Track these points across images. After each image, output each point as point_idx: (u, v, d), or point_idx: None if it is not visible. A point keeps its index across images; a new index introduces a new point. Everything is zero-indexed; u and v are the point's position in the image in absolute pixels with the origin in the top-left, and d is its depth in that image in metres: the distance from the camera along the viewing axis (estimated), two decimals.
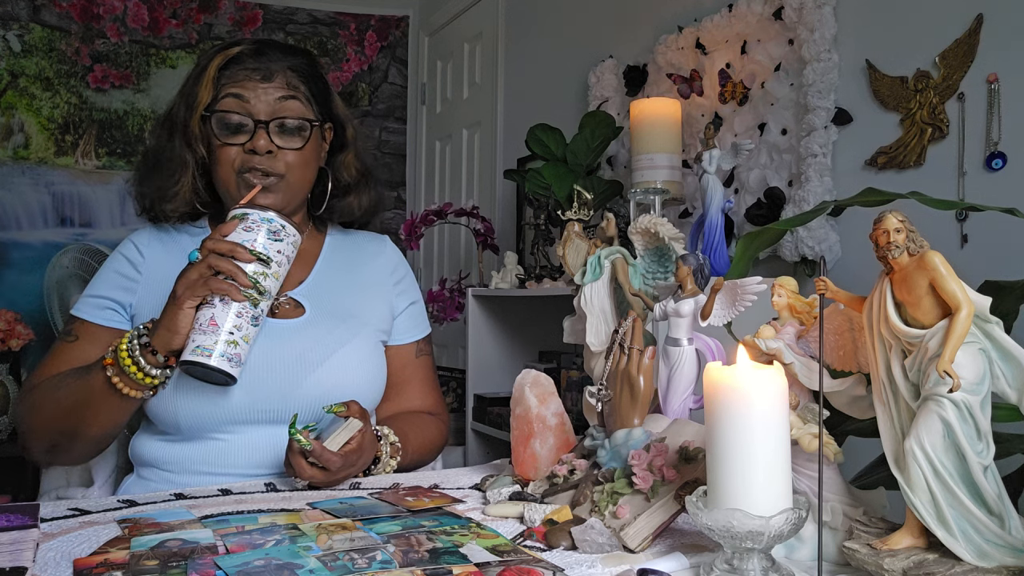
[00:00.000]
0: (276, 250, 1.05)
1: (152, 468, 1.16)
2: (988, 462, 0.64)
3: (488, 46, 3.45)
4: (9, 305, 3.26)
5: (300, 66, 1.22)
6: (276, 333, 1.17)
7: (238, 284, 1.01)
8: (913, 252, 0.67)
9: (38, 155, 3.55)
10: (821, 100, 1.87)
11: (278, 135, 1.18)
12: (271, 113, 1.17)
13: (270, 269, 1.04)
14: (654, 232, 1.04)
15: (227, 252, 1.02)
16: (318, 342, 1.18)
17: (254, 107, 1.16)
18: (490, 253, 2.88)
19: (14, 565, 0.70)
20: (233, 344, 1.00)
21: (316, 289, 1.25)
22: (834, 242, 1.84)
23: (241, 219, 1.05)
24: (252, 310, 1.02)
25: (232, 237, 1.04)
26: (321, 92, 1.24)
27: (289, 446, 1.02)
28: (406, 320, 1.34)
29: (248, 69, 1.18)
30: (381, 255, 1.36)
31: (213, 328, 1.00)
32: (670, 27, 2.35)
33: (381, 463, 1.13)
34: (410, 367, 1.33)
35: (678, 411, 0.96)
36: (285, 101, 1.18)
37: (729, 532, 0.65)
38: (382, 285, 1.32)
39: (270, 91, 1.17)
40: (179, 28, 3.77)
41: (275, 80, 1.18)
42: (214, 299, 1.01)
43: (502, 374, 2.72)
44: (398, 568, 0.69)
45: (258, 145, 1.15)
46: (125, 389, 1.04)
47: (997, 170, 1.59)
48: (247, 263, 1.02)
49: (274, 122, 1.17)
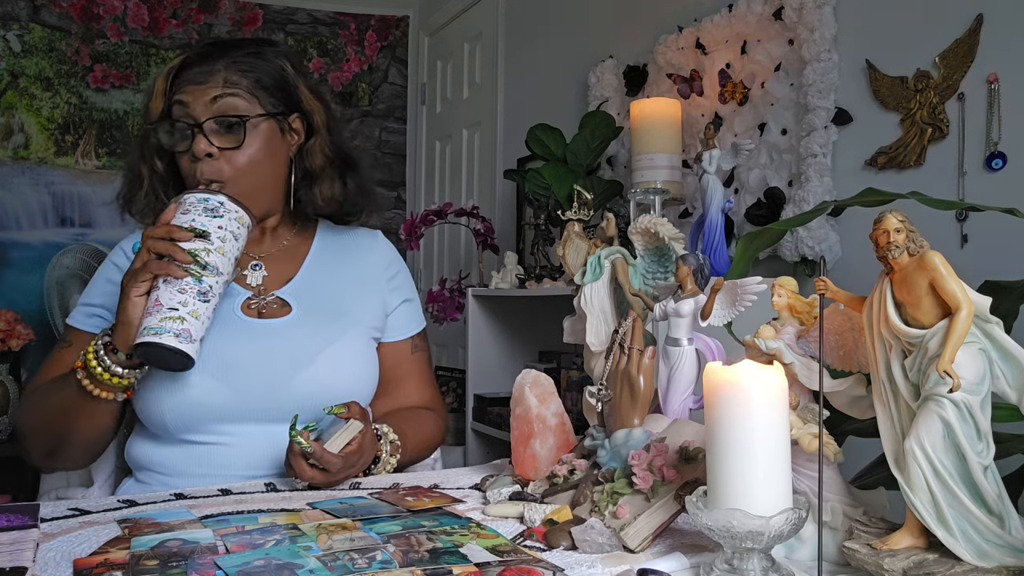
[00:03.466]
0: (216, 225, 1.04)
1: (148, 471, 1.16)
2: (988, 462, 0.64)
3: (488, 46, 3.45)
4: (9, 305, 3.26)
5: (245, 59, 1.18)
6: (262, 332, 1.16)
7: (177, 261, 1.00)
8: (913, 252, 0.67)
9: (38, 155, 3.55)
10: (821, 100, 1.87)
11: (219, 136, 1.15)
12: (207, 114, 1.14)
13: (212, 244, 1.02)
14: (654, 232, 1.04)
15: (164, 235, 1.02)
16: (306, 340, 1.17)
17: (193, 111, 1.15)
18: (490, 253, 2.88)
19: (14, 565, 0.70)
20: (179, 320, 0.98)
21: (304, 287, 1.24)
22: (834, 242, 1.84)
23: (178, 203, 1.06)
24: (197, 285, 1.01)
25: (172, 221, 1.04)
26: (276, 82, 1.20)
27: (289, 447, 1.02)
28: (400, 316, 1.32)
29: (192, 73, 1.16)
30: (373, 251, 1.34)
31: (157, 307, 0.99)
32: (670, 27, 2.35)
33: (381, 462, 1.13)
34: (406, 364, 1.32)
35: (678, 411, 0.96)
36: (221, 99, 1.15)
37: (729, 532, 0.65)
38: (375, 281, 1.31)
39: (206, 90, 1.15)
40: (179, 28, 3.77)
41: (213, 80, 1.15)
42: (158, 282, 1.01)
43: (502, 374, 2.72)
44: (398, 568, 0.69)
45: (196, 149, 1.14)
46: (96, 391, 1.04)
47: (997, 170, 1.59)
48: (186, 241, 1.02)
49: (207, 123, 1.14)
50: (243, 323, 1.17)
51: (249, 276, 1.23)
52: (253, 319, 1.18)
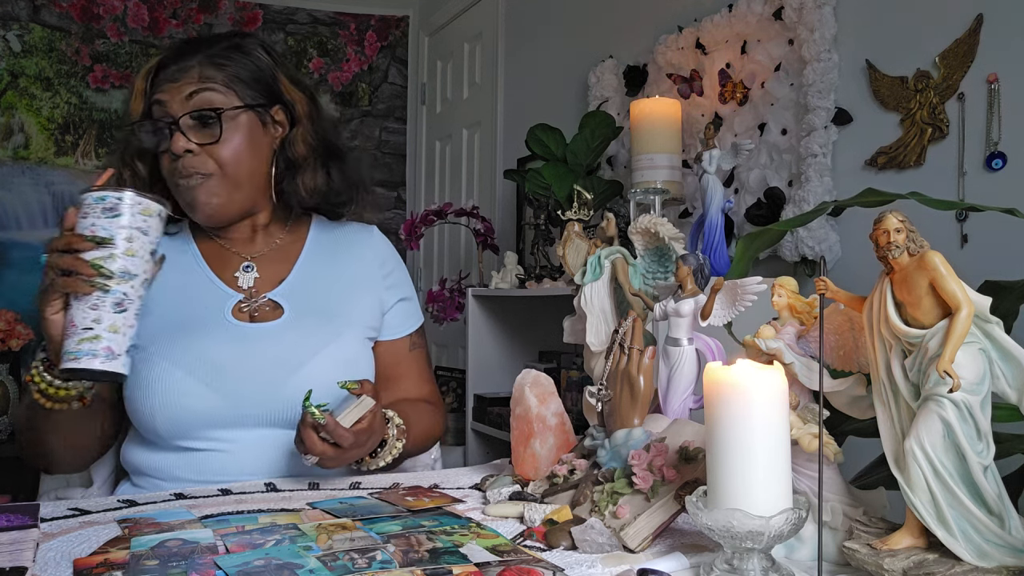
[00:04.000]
0: (118, 226, 0.96)
1: (144, 476, 1.15)
2: (988, 462, 0.64)
3: (488, 46, 3.45)
4: (9, 305, 3.26)
5: (220, 52, 1.17)
6: (253, 337, 1.15)
7: (82, 275, 0.93)
8: (913, 252, 0.67)
9: (38, 155, 3.55)
10: (821, 100, 1.87)
11: (196, 132, 1.14)
12: (180, 111, 1.13)
13: (117, 248, 0.95)
14: (654, 232, 1.04)
15: (64, 247, 0.94)
16: (298, 344, 1.15)
17: (170, 109, 1.14)
18: (490, 253, 2.88)
19: (14, 565, 0.70)
20: (95, 339, 0.94)
21: (297, 288, 1.22)
22: (834, 242, 1.84)
23: (77, 206, 0.98)
24: (109, 296, 0.95)
25: (75, 228, 0.96)
26: (253, 74, 1.18)
27: (302, 419, 1.00)
28: (397, 314, 1.30)
29: (169, 72, 1.15)
30: (368, 247, 1.31)
31: (72, 329, 0.94)
32: (670, 27, 2.35)
33: (388, 445, 1.11)
34: (404, 362, 1.30)
35: (678, 411, 0.96)
36: (196, 95, 1.13)
37: (729, 532, 0.65)
38: (370, 279, 1.28)
39: (183, 88, 1.14)
40: (179, 28, 3.77)
41: (188, 76, 1.14)
42: (70, 299, 0.96)
43: (502, 374, 2.72)
44: (398, 568, 0.69)
45: (175, 147, 1.13)
46: (47, 404, 1.01)
47: (997, 170, 1.59)
48: (88, 251, 0.94)
49: (183, 119, 1.13)
50: (234, 328, 1.16)
51: (241, 278, 1.22)
52: (244, 323, 1.17)
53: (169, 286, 1.15)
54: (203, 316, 1.16)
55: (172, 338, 1.12)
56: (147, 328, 1.13)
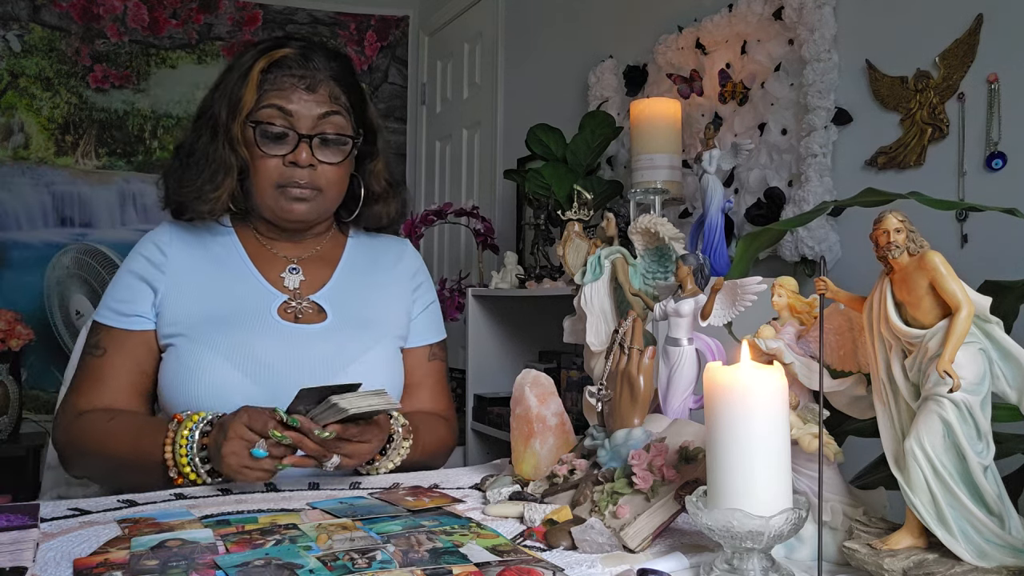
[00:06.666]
0: None
1: None
2: (988, 462, 0.64)
3: (488, 46, 3.45)
4: (9, 305, 3.26)
5: (342, 75, 1.21)
6: (299, 337, 1.17)
7: None
8: (913, 252, 0.67)
9: (38, 155, 3.55)
10: (821, 100, 1.87)
11: (319, 149, 1.18)
12: (314, 128, 1.17)
13: None
14: (654, 232, 1.04)
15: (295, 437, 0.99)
16: (341, 348, 1.18)
17: (297, 119, 1.16)
18: (490, 253, 2.88)
19: (14, 565, 0.70)
20: None
21: (338, 293, 1.26)
22: (834, 242, 1.84)
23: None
24: None
25: None
26: (358, 101, 1.24)
27: None
28: (421, 323, 1.34)
29: (293, 76, 1.17)
30: (402, 259, 1.37)
31: None
32: (670, 27, 2.35)
33: (395, 444, 1.12)
34: (421, 370, 1.32)
35: (678, 411, 0.96)
36: (329, 116, 1.18)
37: (729, 532, 0.65)
38: (402, 289, 1.33)
39: (313, 104, 1.17)
40: (179, 28, 3.77)
41: (319, 91, 1.18)
42: None
43: (502, 374, 2.72)
44: (398, 568, 0.69)
45: (300, 159, 1.16)
46: (179, 480, 1.04)
47: (997, 170, 1.59)
48: None
49: (317, 137, 1.17)
50: (280, 327, 1.18)
51: (287, 279, 1.25)
52: (290, 323, 1.19)
53: (216, 281, 1.20)
54: (250, 313, 1.19)
55: (219, 330, 1.15)
56: (193, 318, 1.17)
